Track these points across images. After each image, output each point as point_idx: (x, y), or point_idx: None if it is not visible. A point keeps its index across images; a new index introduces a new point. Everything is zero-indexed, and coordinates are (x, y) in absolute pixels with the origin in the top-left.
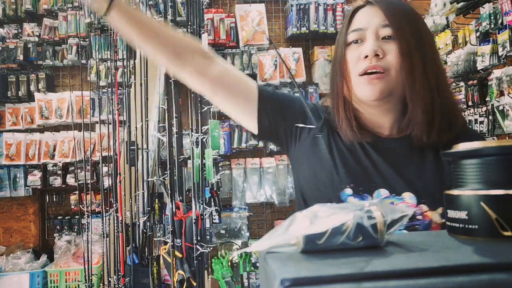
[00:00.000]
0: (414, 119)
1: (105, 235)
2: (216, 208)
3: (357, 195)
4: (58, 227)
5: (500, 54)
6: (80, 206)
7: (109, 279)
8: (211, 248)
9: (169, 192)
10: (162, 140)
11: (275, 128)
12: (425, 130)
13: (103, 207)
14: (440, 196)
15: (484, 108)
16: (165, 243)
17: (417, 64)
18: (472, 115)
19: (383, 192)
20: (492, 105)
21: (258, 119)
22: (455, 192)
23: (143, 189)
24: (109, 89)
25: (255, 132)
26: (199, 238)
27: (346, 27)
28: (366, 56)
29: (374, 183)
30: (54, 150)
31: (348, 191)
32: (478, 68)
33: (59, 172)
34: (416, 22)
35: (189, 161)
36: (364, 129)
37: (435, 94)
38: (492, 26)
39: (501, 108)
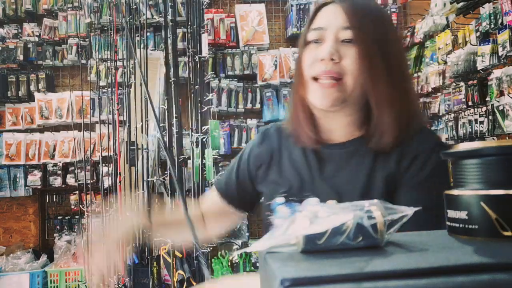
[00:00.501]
0: (380, 125)
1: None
2: None
3: (288, 204)
4: (58, 227)
5: (500, 54)
6: (80, 206)
7: (109, 279)
8: (211, 248)
9: (169, 192)
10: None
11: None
12: (388, 134)
13: (103, 207)
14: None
15: (484, 108)
16: (165, 243)
17: (379, 69)
18: (472, 115)
19: (313, 200)
20: (492, 105)
21: (235, 206)
22: (455, 192)
23: (143, 189)
24: (109, 89)
25: (250, 211)
26: None
27: (309, 24)
28: (322, 60)
29: (306, 192)
30: (54, 150)
31: (280, 200)
32: (478, 68)
33: (59, 172)
34: (381, 23)
35: (189, 161)
36: (318, 133)
37: (401, 98)
38: (492, 26)
39: (501, 108)
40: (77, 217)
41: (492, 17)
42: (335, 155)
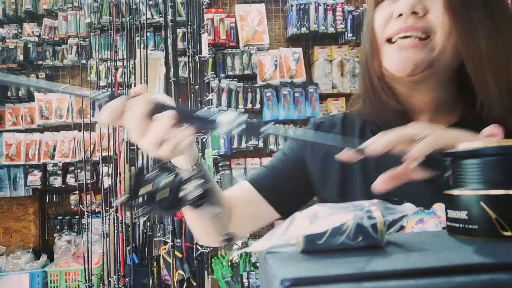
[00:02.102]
0: (486, 99)
1: (105, 235)
2: None
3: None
4: (58, 227)
5: None
6: (80, 206)
7: (109, 279)
8: (211, 248)
9: None
10: None
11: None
12: (500, 109)
13: (103, 207)
14: None
15: None
16: (165, 243)
17: (477, 21)
18: None
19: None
20: None
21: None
22: (455, 192)
23: None
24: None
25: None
26: None
27: None
28: (400, 15)
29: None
30: (54, 150)
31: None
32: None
33: (59, 172)
34: None
35: None
36: (402, 113)
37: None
38: None
39: None
40: (77, 217)
41: None
42: None
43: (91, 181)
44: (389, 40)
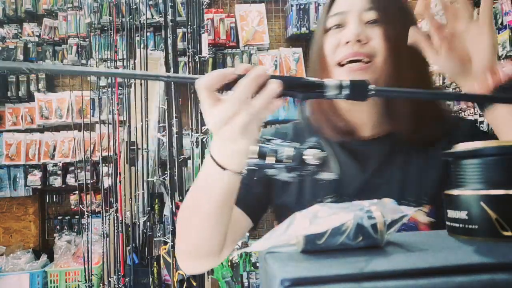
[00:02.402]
0: (400, 113)
1: (105, 235)
2: None
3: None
4: (58, 227)
5: (500, 54)
6: (80, 206)
7: (109, 279)
8: None
9: (169, 192)
10: (162, 140)
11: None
12: (412, 126)
13: (103, 207)
14: (422, 196)
15: None
16: (165, 243)
17: (404, 51)
18: (472, 115)
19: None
20: None
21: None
22: (455, 192)
23: (143, 189)
24: (109, 89)
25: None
26: None
27: (326, 11)
28: (347, 42)
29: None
30: (54, 150)
31: (329, 201)
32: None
33: (59, 172)
34: (401, 5)
35: (189, 161)
36: (344, 129)
37: (422, 84)
38: None
39: None
40: (77, 217)
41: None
42: (373, 152)
43: (91, 181)
44: (339, 64)
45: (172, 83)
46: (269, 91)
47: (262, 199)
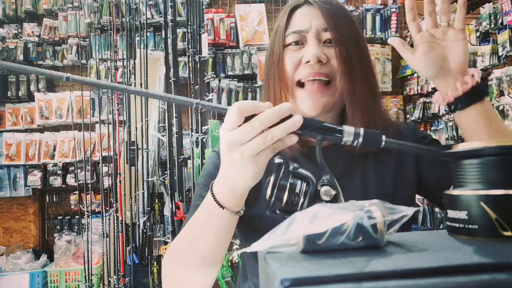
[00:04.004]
0: (353, 123)
1: (105, 235)
2: None
3: None
4: (58, 227)
5: (500, 54)
6: (80, 206)
7: (109, 279)
8: None
9: (169, 192)
10: (162, 140)
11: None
12: None
13: (103, 207)
14: (383, 197)
15: None
16: (165, 243)
17: (357, 71)
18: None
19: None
20: (492, 105)
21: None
22: (455, 192)
23: (143, 189)
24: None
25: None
26: None
27: (284, 27)
28: (308, 61)
29: None
30: (54, 150)
31: None
32: (478, 68)
33: (59, 172)
34: (352, 25)
35: (189, 161)
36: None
37: (372, 102)
38: (492, 26)
39: (501, 108)
40: (77, 217)
41: (492, 17)
42: (333, 159)
43: (91, 181)
44: (299, 82)
45: (173, 83)
46: (290, 123)
47: None
